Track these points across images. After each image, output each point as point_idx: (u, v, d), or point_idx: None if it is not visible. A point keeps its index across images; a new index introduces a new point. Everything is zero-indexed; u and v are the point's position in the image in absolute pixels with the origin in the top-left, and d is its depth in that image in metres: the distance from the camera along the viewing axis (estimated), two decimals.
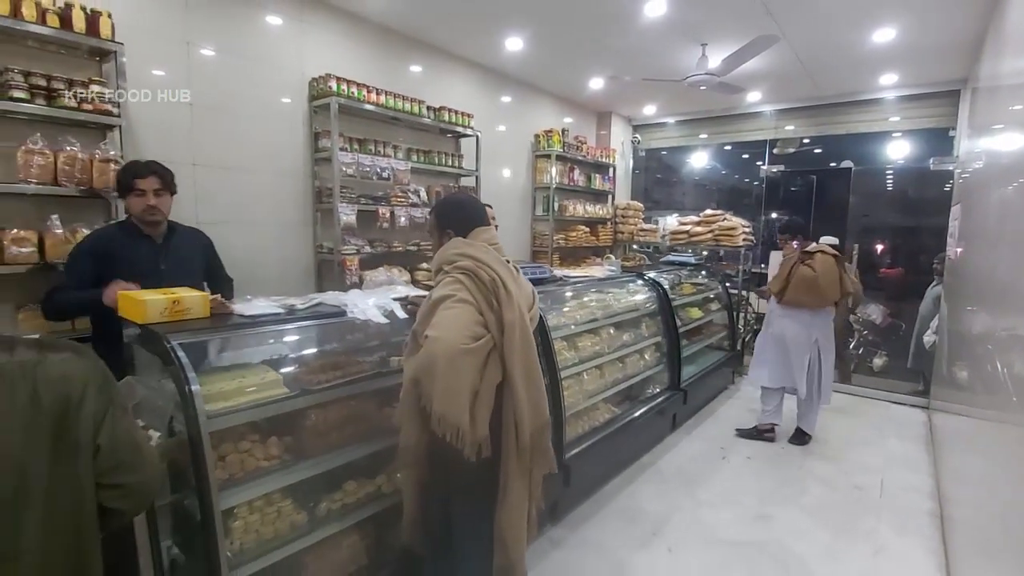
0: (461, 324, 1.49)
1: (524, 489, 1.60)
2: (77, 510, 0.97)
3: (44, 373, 0.93)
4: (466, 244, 1.68)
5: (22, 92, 2.21)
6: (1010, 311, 1.94)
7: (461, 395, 1.43)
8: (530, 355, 1.59)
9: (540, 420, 1.61)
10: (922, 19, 3.72)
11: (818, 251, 3.81)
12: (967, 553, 2.30)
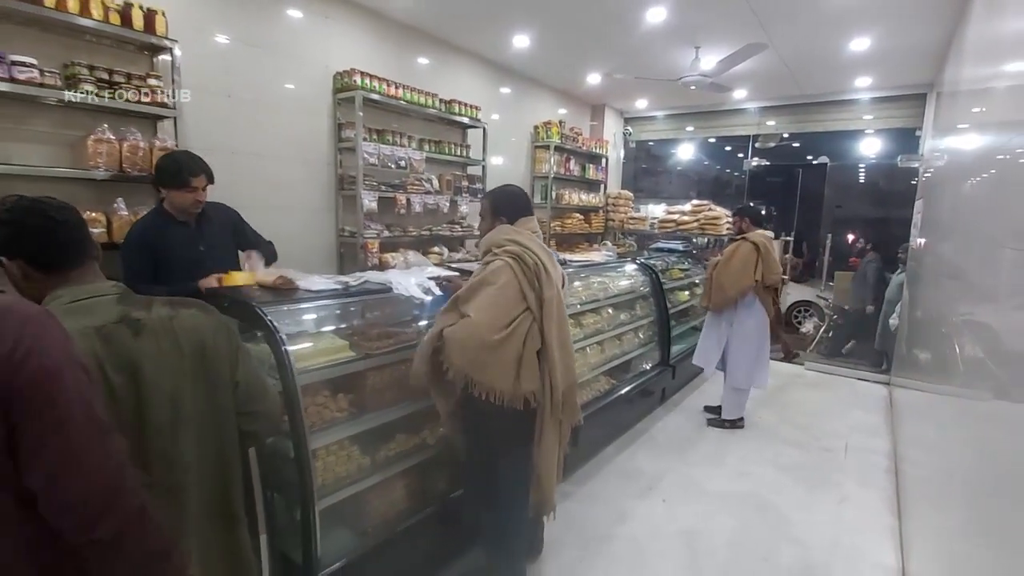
0: (498, 312, 1.80)
1: (555, 436, 1.93)
2: (221, 433, 1.24)
3: (180, 324, 1.17)
4: (514, 231, 1.98)
5: (91, 85, 2.41)
6: (959, 297, 2.31)
7: (500, 366, 1.76)
8: (564, 326, 1.92)
9: (570, 379, 1.94)
10: (894, 30, 4.10)
11: (742, 238, 3.93)
12: (916, 500, 2.71)
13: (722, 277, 3.86)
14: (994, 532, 1.29)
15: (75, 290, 1.07)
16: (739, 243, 3.91)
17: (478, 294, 1.85)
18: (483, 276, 1.88)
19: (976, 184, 2.38)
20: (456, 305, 1.88)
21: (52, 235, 1.06)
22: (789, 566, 2.53)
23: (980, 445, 1.55)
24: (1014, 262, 1.43)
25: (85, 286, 1.10)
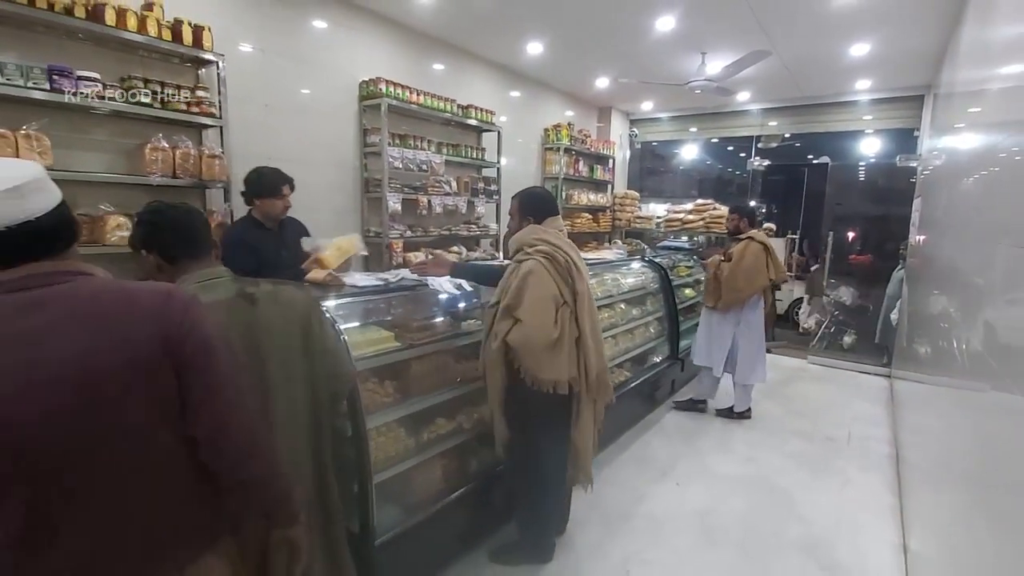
0: (547, 312, 1.98)
1: (591, 414, 2.12)
2: (318, 390, 1.46)
3: (283, 298, 1.41)
4: (542, 231, 2.16)
5: (147, 97, 2.60)
6: (956, 291, 2.46)
7: (557, 360, 1.95)
8: (594, 315, 2.11)
9: (602, 363, 2.13)
10: (892, 35, 4.28)
11: (747, 238, 3.93)
12: (915, 484, 2.89)
13: (736, 278, 3.84)
14: (989, 512, 1.42)
15: (199, 274, 1.29)
16: (747, 243, 3.91)
17: (524, 299, 2.00)
18: (521, 274, 2.05)
19: (971, 182, 2.54)
20: (509, 313, 2.02)
21: (181, 232, 1.27)
22: (797, 541, 2.72)
23: (976, 432, 1.68)
24: (1008, 258, 1.54)
25: (206, 270, 1.32)
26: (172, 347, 0.94)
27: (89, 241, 2.50)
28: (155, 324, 0.93)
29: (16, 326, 0.85)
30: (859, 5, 3.63)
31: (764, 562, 2.54)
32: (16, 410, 0.83)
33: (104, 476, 0.90)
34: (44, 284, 0.90)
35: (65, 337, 0.87)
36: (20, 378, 0.83)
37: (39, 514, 0.86)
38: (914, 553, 2.51)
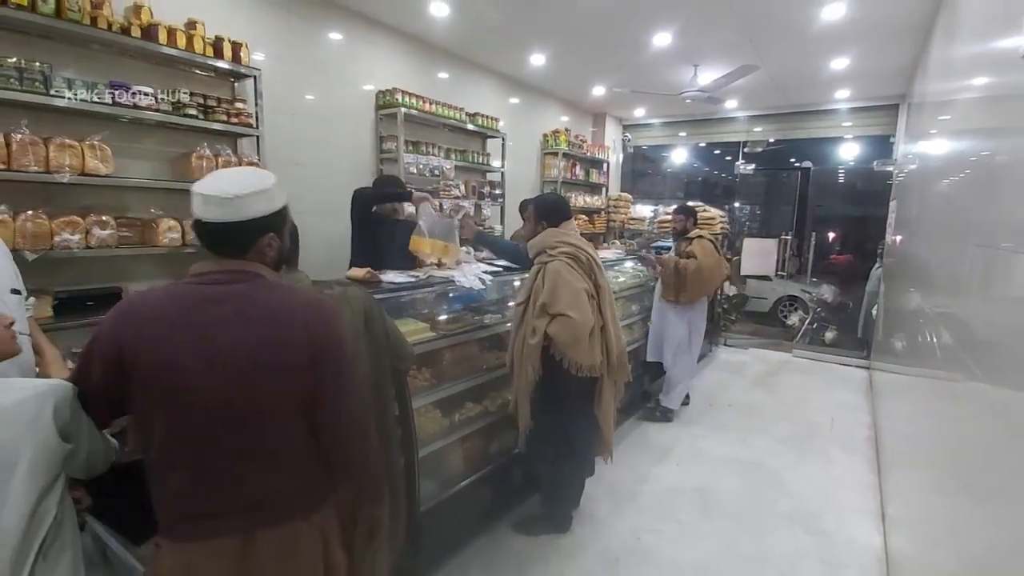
0: (583, 306, 2.23)
1: (612, 393, 2.39)
2: (383, 370, 1.72)
3: (350, 295, 1.66)
4: (562, 233, 2.42)
5: (194, 109, 2.81)
6: (928, 288, 2.74)
7: (595, 349, 2.22)
8: (613, 305, 2.37)
9: (621, 346, 2.40)
10: (870, 51, 4.63)
11: (696, 236, 4.01)
12: (892, 462, 3.21)
13: (702, 272, 3.92)
14: (955, 485, 1.64)
15: (291, 276, 1.51)
16: (702, 240, 4.00)
17: (561, 296, 2.23)
18: (550, 275, 2.30)
19: (941, 185, 2.82)
20: (545, 311, 2.26)
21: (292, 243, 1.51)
22: (787, 513, 3.01)
23: (945, 416, 1.90)
24: (976, 256, 1.71)
25: (297, 273, 1.55)
26: (315, 353, 1.17)
27: (141, 242, 2.70)
28: (306, 334, 1.16)
29: (203, 315, 1.09)
30: (840, 24, 3.96)
31: (759, 531, 2.83)
32: (205, 376, 1.07)
33: (255, 430, 1.14)
34: (228, 281, 1.13)
35: (234, 332, 1.11)
36: (201, 360, 1.08)
37: (204, 464, 1.11)
38: (891, 519, 2.82)
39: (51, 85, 2.32)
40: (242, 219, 1.13)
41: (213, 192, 1.14)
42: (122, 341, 1.08)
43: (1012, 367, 1.16)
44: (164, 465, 1.13)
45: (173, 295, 1.14)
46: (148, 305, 1.13)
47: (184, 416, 1.08)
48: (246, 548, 1.13)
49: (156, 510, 1.15)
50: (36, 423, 1.05)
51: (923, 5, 3.59)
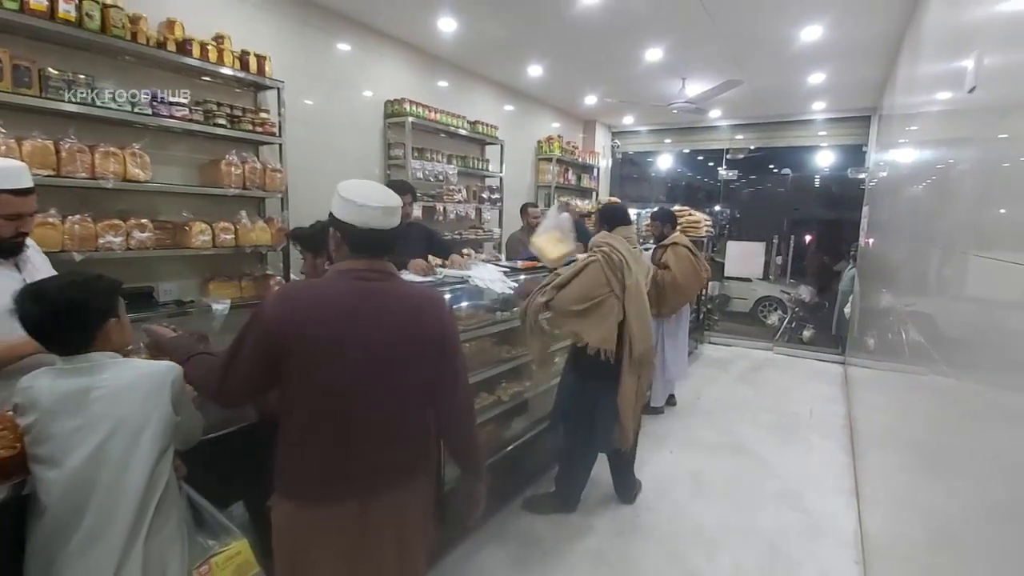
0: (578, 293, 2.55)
1: (633, 383, 2.62)
2: None
3: None
4: (610, 237, 2.70)
5: (223, 119, 2.98)
6: (895, 287, 3.03)
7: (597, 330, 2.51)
8: (642, 304, 2.63)
9: (646, 344, 2.65)
10: (844, 67, 4.97)
11: (671, 243, 4.08)
12: (865, 447, 3.51)
13: (678, 282, 3.98)
14: (919, 465, 1.84)
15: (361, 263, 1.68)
16: (676, 248, 4.06)
17: (572, 281, 2.59)
18: (579, 269, 2.61)
19: (907, 192, 3.11)
20: (552, 285, 2.63)
21: None
22: (772, 492, 3.29)
23: (911, 406, 2.11)
24: (937, 257, 1.84)
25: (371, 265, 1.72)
26: (444, 344, 1.40)
27: (174, 245, 2.86)
28: (436, 327, 1.39)
29: (363, 304, 1.30)
30: (817, 43, 4.28)
31: (748, 508, 3.10)
32: (361, 357, 1.28)
33: (393, 406, 1.34)
34: (375, 279, 1.34)
35: (387, 321, 1.32)
36: (360, 343, 1.28)
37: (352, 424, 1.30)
38: (864, 496, 3.11)
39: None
40: (396, 226, 1.35)
41: (392, 204, 1.35)
42: (286, 325, 1.25)
43: (968, 361, 1.35)
44: (307, 434, 1.31)
45: (337, 288, 1.32)
46: (313, 295, 1.32)
47: (337, 391, 1.28)
48: (363, 512, 1.32)
49: (286, 474, 1.33)
50: (159, 396, 1.25)
51: (891, 28, 3.93)
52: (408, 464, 1.40)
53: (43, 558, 1.14)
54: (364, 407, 1.30)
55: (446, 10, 3.84)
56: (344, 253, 1.36)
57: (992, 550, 1.03)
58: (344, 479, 1.31)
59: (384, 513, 1.35)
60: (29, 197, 1.62)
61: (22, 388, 1.17)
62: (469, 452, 1.53)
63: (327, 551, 1.31)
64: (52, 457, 1.14)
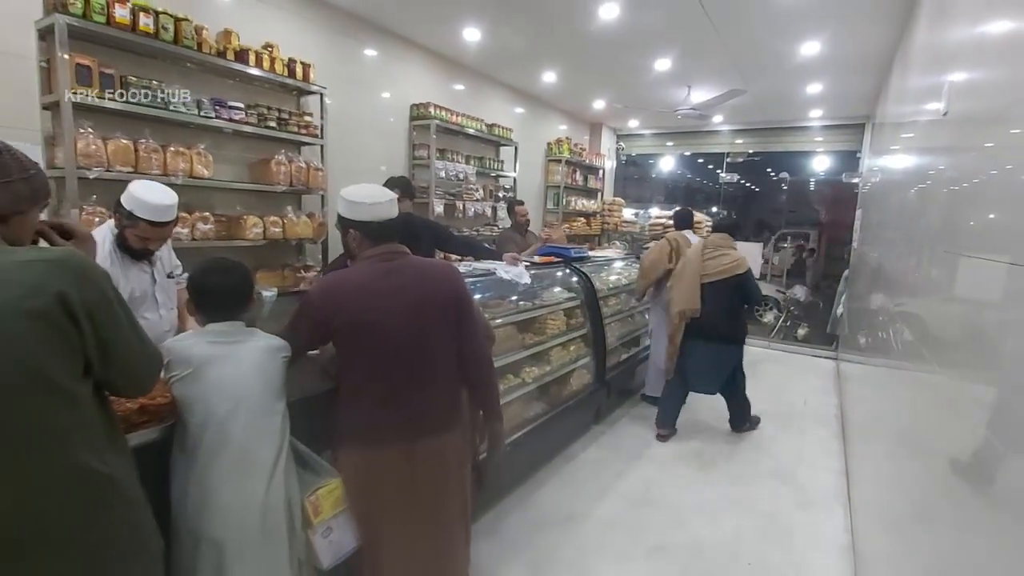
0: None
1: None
2: None
3: None
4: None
5: (273, 122, 3.25)
6: (886, 288, 3.30)
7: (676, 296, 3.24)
8: (693, 279, 3.53)
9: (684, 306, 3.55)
10: (840, 78, 5.28)
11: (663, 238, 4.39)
12: (854, 433, 3.81)
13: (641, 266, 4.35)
14: (903, 451, 1.95)
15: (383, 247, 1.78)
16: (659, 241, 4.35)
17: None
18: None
19: (898, 197, 3.38)
20: None
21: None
22: (768, 470, 3.59)
23: (896, 397, 2.31)
24: (930, 260, 1.91)
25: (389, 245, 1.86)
26: (458, 300, 1.69)
27: (229, 236, 3.13)
28: (451, 288, 1.68)
29: (387, 282, 1.59)
30: (815, 57, 4.58)
31: (747, 483, 3.40)
32: (393, 325, 1.56)
33: (424, 363, 1.63)
34: (393, 259, 1.63)
35: (410, 289, 1.61)
36: (393, 310, 1.57)
37: (397, 381, 1.59)
38: (852, 474, 3.42)
39: (169, 102, 2.75)
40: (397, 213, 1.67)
41: (393, 196, 1.65)
42: (332, 305, 1.56)
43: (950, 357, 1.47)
44: (360, 391, 1.61)
45: (367, 270, 1.62)
46: (348, 281, 1.62)
47: (381, 353, 1.58)
48: (411, 453, 1.62)
49: (344, 426, 1.63)
50: (282, 360, 1.53)
51: (884, 44, 4.24)
52: (442, 416, 1.69)
53: (193, 482, 1.41)
54: (405, 364, 1.60)
55: (472, 21, 4.12)
56: (365, 245, 1.64)
57: (961, 518, 1.21)
58: (391, 428, 1.60)
59: (426, 456, 1.64)
60: (167, 227, 1.90)
61: (176, 348, 1.44)
62: (487, 393, 1.79)
63: (384, 487, 1.61)
64: (204, 403, 1.41)
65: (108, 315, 1.05)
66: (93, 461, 1.02)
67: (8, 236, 1.04)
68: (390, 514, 1.64)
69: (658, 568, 2.54)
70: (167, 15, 2.69)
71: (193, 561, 1.40)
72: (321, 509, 1.62)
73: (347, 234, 1.67)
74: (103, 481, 1.04)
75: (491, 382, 1.82)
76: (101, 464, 1.04)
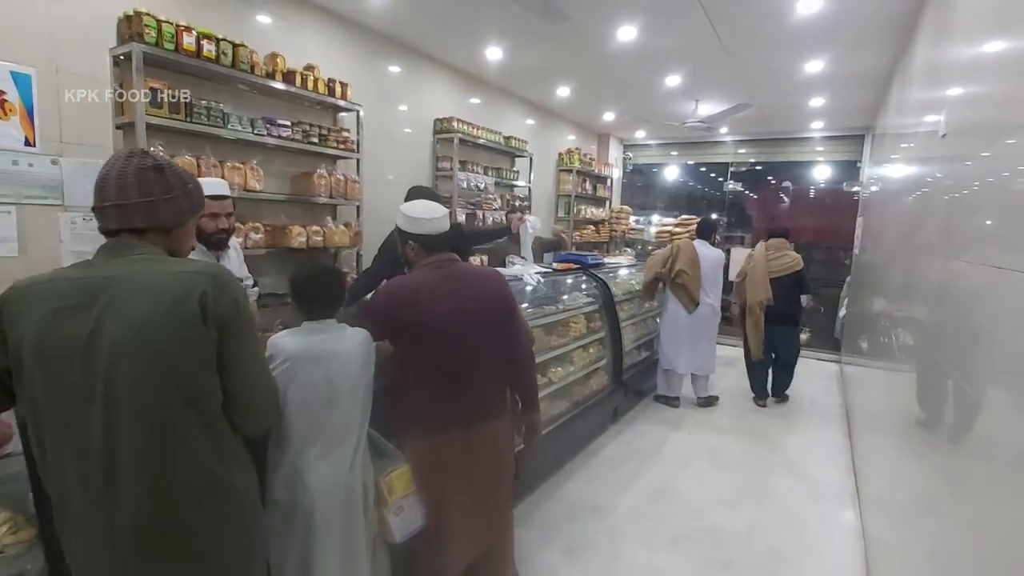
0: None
1: None
2: None
3: None
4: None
5: (315, 138, 3.47)
6: (885, 294, 3.52)
7: None
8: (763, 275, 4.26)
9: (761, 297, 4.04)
10: (842, 91, 5.52)
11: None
12: (859, 430, 4.02)
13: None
14: (906, 448, 2.11)
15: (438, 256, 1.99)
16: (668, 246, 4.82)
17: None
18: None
19: (897, 206, 3.60)
20: None
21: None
22: (779, 465, 3.80)
23: (897, 396, 2.49)
24: (928, 267, 2.03)
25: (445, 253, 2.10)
26: (508, 304, 1.90)
27: (275, 245, 3.34)
28: (498, 292, 1.90)
29: (446, 286, 1.80)
30: (819, 74, 4.83)
31: (759, 476, 3.61)
32: (451, 324, 1.77)
33: (477, 358, 1.83)
34: (448, 265, 1.84)
35: (464, 293, 1.82)
36: (454, 312, 1.78)
37: (454, 375, 1.80)
38: (859, 468, 3.62)
39: (227, 121, 2.97)
40: None
41: (444, 213, 1.86)
42: (397, 306, 1.76)
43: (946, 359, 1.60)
44: (423, 384, 1.80)
45: (426, 276, 1.82)
46: (412, 283, 1.82)
47: (442, 351, 1.78)
48: (468, 437, 1.83)
49: (409, 415, 1.83)
50: (369, 353, 1.74)
51: (885, 62, 4.48)
52: (493, 404, 1.90)
53: (288, 462, 1.61)
54: (463, 360, 1.80)
55: (495, 41, 4.36)
56: (422, 255, 1.86)
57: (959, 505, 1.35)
58: (450, 415, 1.80)
59: (480, 440, 1.85)
60: (223, 202, 2.11)
61: (277, 343, 1.64)
62: (528, 388, 2.02)
63: (446, 468, 1.81)
64: (300, 393, 1.61)
65: (238, 329, 1.13)
66: (219, 470, 1.13)
67: (171, 246, 1.21)
68: (452, 492, 1.84)
69: (684, 552, 2.74)
70: (227, 42, 2.91)
71: (288, 526, 1.59)
72: (394, 489, 1.82)
73: (406, 244, 1.88)
74: (227, 488, 1.15)
75: (532, 377, 2.03)
76: (227, 474, 1.15)
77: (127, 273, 1.08)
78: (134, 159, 1.15)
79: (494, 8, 3.59)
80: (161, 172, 1.16)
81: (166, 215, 1.17)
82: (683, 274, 4.51)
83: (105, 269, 1.10)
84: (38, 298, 1.06)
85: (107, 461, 1.04)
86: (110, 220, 1.14)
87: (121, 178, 1.13)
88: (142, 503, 1.05)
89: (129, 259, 1.11)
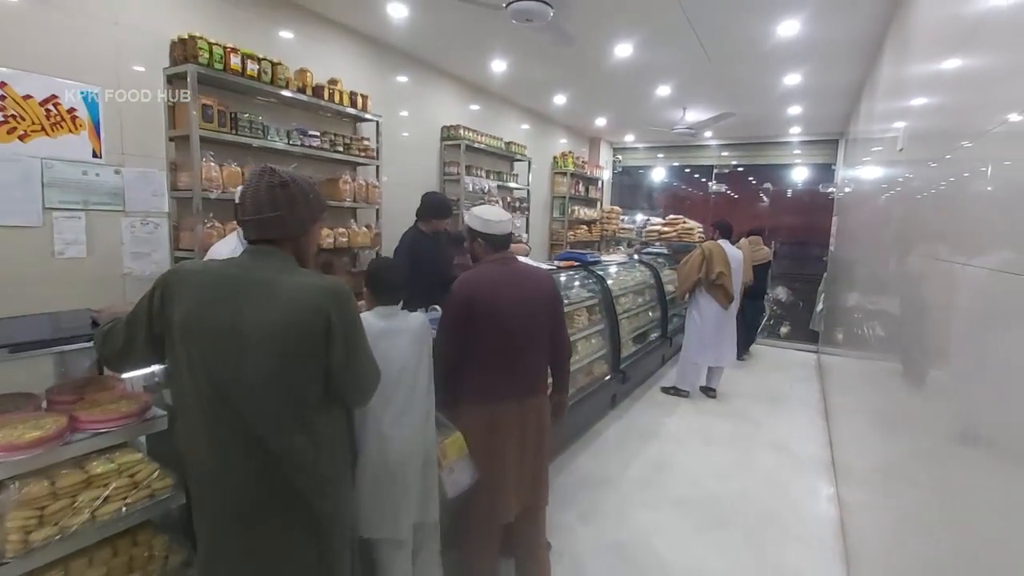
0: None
1: None
2: None
3: None
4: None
5: (340, 147, 3.76)
6: (857, 289, 3.94)
7: None
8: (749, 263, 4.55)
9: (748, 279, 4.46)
10: (818, 100, 5.96)
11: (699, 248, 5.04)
12: (836, 415, 4.43)
13: (679, 273, 5.11)
14: (876, 425, 2.38)
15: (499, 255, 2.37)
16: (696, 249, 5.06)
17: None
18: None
19: (868, 206, 4.04)
20: None
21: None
22: (764, 442, 4.20)
23: (868, 383, 2.87)
24: (897, 263, 2.26)
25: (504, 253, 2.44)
26: (551, 300, 2.22)
27: None
28: (549, 286, 2.22)
29: (508, 279, 2.11)
30: (796, 86, 5.25)
31: (747, 452, 4.00)
32: (512, 312, 2.09)
33: (530, 342, 2.15)
34: (508, 263, 2.16)
35: (523, 286, 2.14)
36: (514, 302, 2.09)
37: (512, 355, 2.12)
38: (835, 444, 4.03)
39: (267, 132, 3.24)
40: None
41: (508, 217, 2.18)
42: (469, 298, 2.06)
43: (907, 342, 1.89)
44: (485, 362, 2.10)
45: (491, 271, 2.12)
46: (480, 278, 2.12)
47: (502, 335, 2.09)
48: (520, 407, 2.15)
49: (472, 388, 2.13)
50: (429, 334, 2.05)
51: (857, 76, 4.91)
52: (540, 382, 2.23)
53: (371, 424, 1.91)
54: (518, 344, 2.12)
55: (501, 55, 4.69)
56: (488, 252, 2.17)
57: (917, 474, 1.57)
58: (508, 387, 2.12)
59: (530, 410, 2.17)
60: None
61: (364, 319, 1.94)
62: (564, 371, 2.36)
63: (503, 432, 2.12)
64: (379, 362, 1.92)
65: (357, 337, 1.36)
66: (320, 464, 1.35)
67: (298, 251, 1.43)
68: (507, 452, 2.15)
69: (683, 513, 3.10)
70: (267, 61, 3.19)
71: (381, 468, 1.87)
72: (447, 454, 2.14)
73: (475, 241, 2.18)
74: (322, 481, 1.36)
75: (567, 362, 2.36)
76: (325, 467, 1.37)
77: (267, 279, 1.31)
78: (265, 177, 1.35)
79: (504, 27, 3.91)
80: (286, 188, 1.36)
81: (293, 225, 1.37)
82: (722, 275, 4.82)
83: (252, 271, 1.32)
84: (195, 285, 1.30)
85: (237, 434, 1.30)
86: (250, 231, 1.37)
87: (256, 195, 1.35)
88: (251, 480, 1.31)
89: (269, 264, 1.34)
